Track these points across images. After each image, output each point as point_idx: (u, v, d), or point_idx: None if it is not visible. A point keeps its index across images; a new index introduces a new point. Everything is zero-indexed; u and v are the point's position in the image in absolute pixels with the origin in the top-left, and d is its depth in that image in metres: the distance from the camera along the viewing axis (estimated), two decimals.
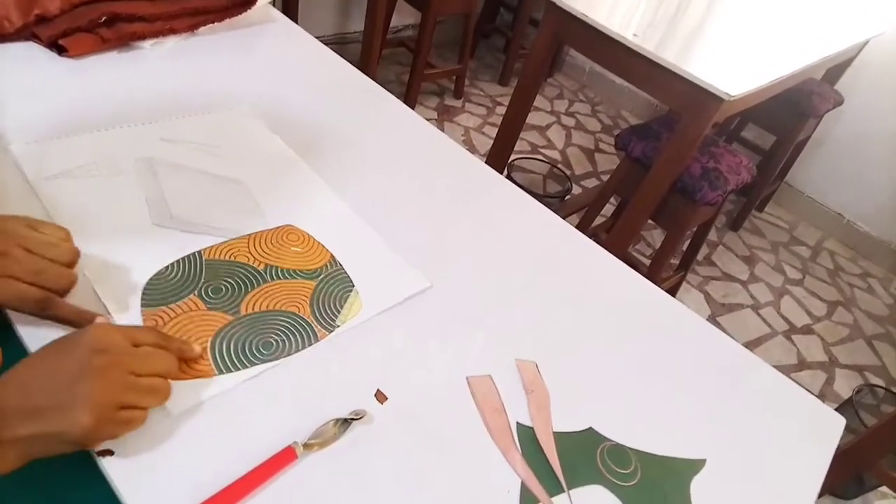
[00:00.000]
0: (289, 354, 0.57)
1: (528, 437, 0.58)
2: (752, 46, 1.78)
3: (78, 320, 0.50)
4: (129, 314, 0.55)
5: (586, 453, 0.59)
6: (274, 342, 0.58)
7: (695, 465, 0.61)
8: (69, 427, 0.41)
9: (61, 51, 0.82)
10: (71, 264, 0.52)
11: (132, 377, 0.45)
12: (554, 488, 0.55)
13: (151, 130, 0.76)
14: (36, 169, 0.64)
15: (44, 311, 0.49)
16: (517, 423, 0.59)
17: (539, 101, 3.19)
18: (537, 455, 0.57)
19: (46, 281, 0.49)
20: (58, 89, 0.77)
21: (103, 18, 0.84)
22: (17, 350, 0.51)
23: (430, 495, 0.51)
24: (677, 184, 1.65)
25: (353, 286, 0.66)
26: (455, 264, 0.73)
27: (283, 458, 0.49)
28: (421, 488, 0.51)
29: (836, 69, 2.51)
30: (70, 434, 0.41)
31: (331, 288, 0.65)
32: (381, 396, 0.57)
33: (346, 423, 0.53)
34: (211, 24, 0.96)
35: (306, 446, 0.50)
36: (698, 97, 1.45)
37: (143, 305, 0.56)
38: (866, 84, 2.61)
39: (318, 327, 0.61)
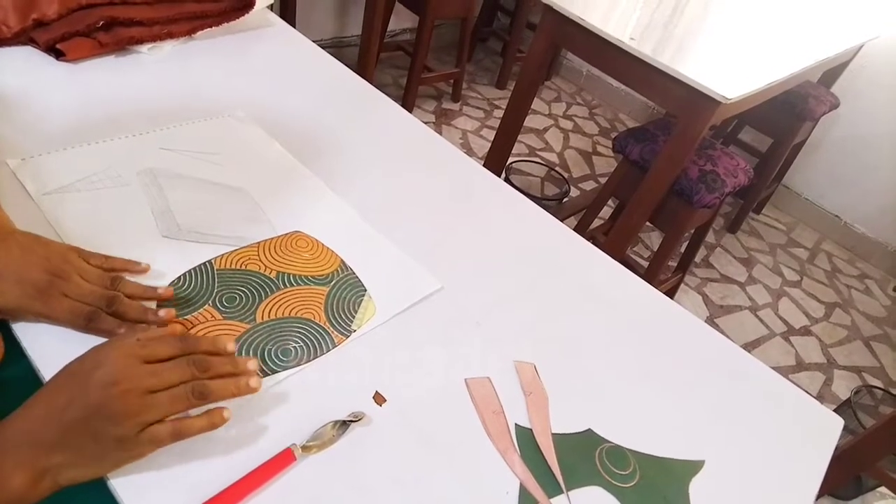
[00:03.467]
0: (308, 361, 0.58)
1: (526, 438, 0.58)
2: (749, 49, 1.79)
3: (119, 333, 0.53)
4: (146, 328, 0.55)
5: (585, 454, 0.59)
6: (293, 349, 0.58)
7: (693, 467, 0.61)
8: (100, 456, 0.43)
9: (59, 55, 0.82)
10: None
11: (149, 396, 0.45)
12: (553, 489, 0.55)
13: (149, 140, 0.75)
14: (36, 184, 0.64)
15: (90, 324, 0.52)
16: (516, 424, 0.59)
17: (536, 104, 3.20)
18: (536, 456, 0.57)
19: (94, 301, 0.53)
20: (55, 93, 0.78)
21: (101, 23, 0.84)
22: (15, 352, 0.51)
23: (429, 497, 0.51)
24: (675, 186, 1.66)
25: (366, 290, 0.67)
26: (453, 267, 0.73)
27: (282, 460, 0.49)
28: (419, 490, 0.51)
29: (833, 72, 2.52)
30: (106, 462, 0.44)
31: (343, 293, 0.65)
32: (379, 398, 0.57)
33: (344, 425, 0.53)
34: (209, 29, 0.96)
35: (305, 448, 0.50)
36: (695, 100, 1.45)
37: None
38: (862, 87, 2.62)
39: (335, 333, 0.61)
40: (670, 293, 2.10)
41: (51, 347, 0.51)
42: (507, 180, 2.29)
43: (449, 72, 2.85)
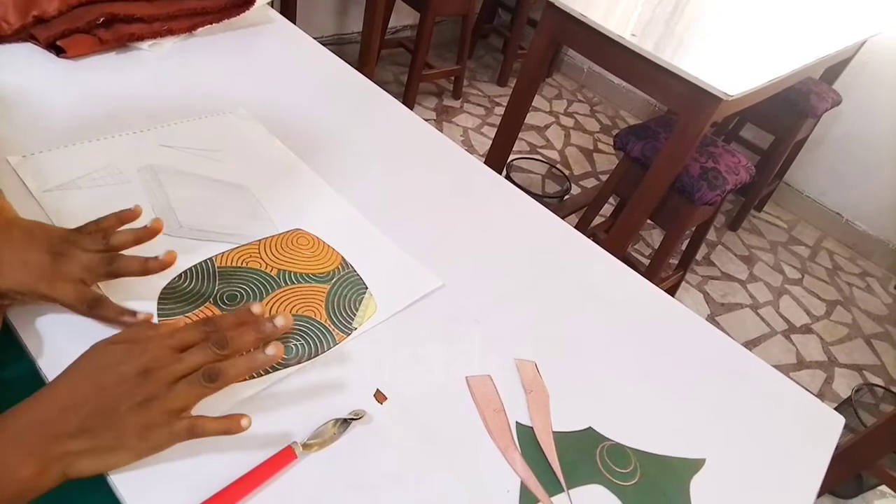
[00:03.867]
0: (310, 358, 0.58)
1: (527, 436, 0.58)
2: (751, 46, 1.79)
3: (118, 322, 0.53)
4: None
5: (586, 453, 0.59)
6: (294, 346, 0.58)
7: (694, 465, 0.61)
8: (119, 446, 0.44)
9: (59, 52, 0.82)
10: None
11: (174, 386, 0.45)
12: (553, 488, 0.55)
13: (150, 137, 0.75)
14: (36, 181, 0.64)
15: (92, 311, 0.52)
16: (517, 422, 0.59)
17: (537, 101, 3.19)
18: (537, 454, 0.57)
19: (96, 268, 0.53)
20: (56, 90, 0.77)
21: (101, 19, 0.84)
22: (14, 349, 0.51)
23: (430, 495, 0.51)
24: (676, 183, 1.66)
25: (367, 288, 0.66)
26: (453, 265, 0.73)
27: (283, 458, 0.49)
28: (420, 488, 0.51)
29: (834, 69, 2.51)
30: (124, 453, 0.44)
31: (344, 291, 0.65)
32: (380, 396, 0.57)
33: (345, 423, 0.53)
34: (209, 25, 0.96)
35: (306, 446, 0.50)
36: (697, 97, 1.45)
37: (158, 315, 0.56)
38: (864, 84, 2.61)
39: (336, 330, 0.61)
40: (671, 291, 2.10)
41: (51, 347, 0.51)
42: (507, 178, 2.29)
43: (450, 69, 2.85)
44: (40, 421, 0.42)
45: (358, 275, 0.68)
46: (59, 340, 0.52)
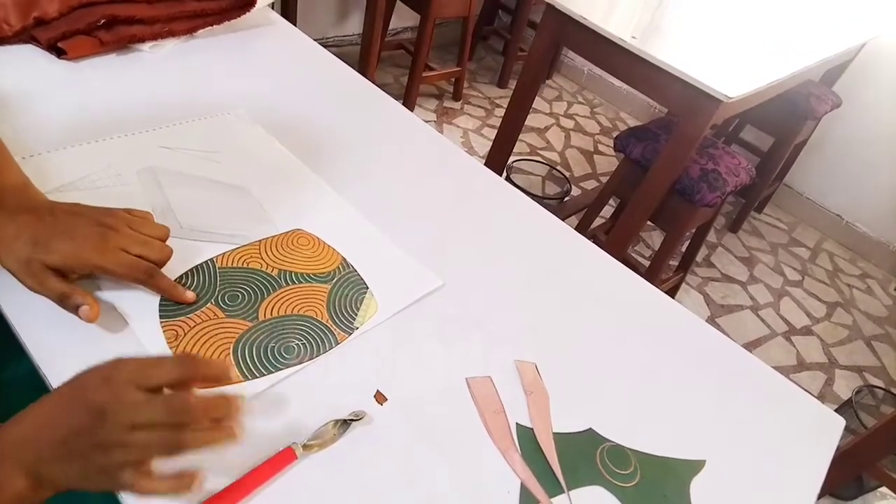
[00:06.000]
0: (311, 358, 0.58)
1: (527, 437, 0.58)
2: (751, 48, 1.79)
3: (172, 294, 0.57)
4: (148, 327, 0.55)
5: (586, 454, 0.59)
6: (295, 346, 0.58)
7: (694, 466, 0.61)
8: (85, 479, 0.42)
9: (60, 53, 0.82)
10: (164, 240, 0.59)
11: (131, 433, 0.42)
12: (553, 489, 0.55)
13: (150, 138, 0.75)
14: (37, 183, 0.63)
15: (149, 280, 0.55)
16: (517, 423, 0.59)
17: (538, 102, 3.19)
18: (537, 456, 0.57)
19: (150, 252, 0.56)
20: (56, 92, 0.78)
21: (102, 21, 0.84)
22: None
23: (430, 496, 0.51)
24: (676, 185, 1.66)
25: (367, 288, 0.67)
26: (454, 266, 0.73)
27: (283, 458, 0.49)
28: (420, 489, 0.51)
29: (834, 71, 2.51)
30: (90, 485, 0.43)
31: (345, 291, 0.65)
32: (380, 397, 0.57)
33: (345, 424, 0.53)
34: (210, 27, 0.96)
35: (306, 447, 0.50)
36: (697, 99, 1.45)
37: (161, 317, 0.56)
38: (864, 86, 2.61)
39: (337, 330, 0.61)
40: (671, 292, 2.10)
41: (51, 347, 0.51)
42: (508, 179, 2.29)
43: (450, 70, 2.85)
44: (28, 438, 0.42)
45: (358, 275, 0.68)
46: (57, 341, 0.52)
